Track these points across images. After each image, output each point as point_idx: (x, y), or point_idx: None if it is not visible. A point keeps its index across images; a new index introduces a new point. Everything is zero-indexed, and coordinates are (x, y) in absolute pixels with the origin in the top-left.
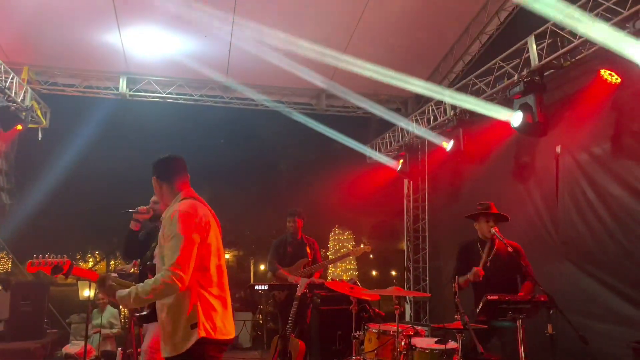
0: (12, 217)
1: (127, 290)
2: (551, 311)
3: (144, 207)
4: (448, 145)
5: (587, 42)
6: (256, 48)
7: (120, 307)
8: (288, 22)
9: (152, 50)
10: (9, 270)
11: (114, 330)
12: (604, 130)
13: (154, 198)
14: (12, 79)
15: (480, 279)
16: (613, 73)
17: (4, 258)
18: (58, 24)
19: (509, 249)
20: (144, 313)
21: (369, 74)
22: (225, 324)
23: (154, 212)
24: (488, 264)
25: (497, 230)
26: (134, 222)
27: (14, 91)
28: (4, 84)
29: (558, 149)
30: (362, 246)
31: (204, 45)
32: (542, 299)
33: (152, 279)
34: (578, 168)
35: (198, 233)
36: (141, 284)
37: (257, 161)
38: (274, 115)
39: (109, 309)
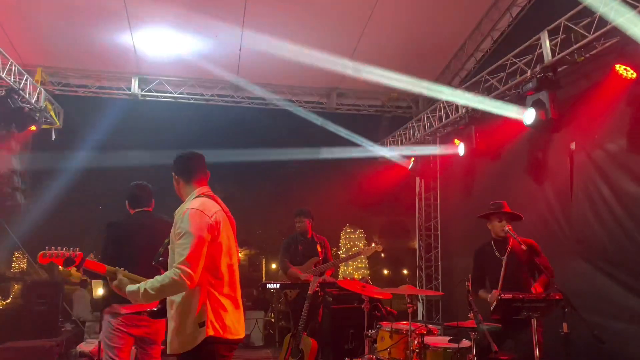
0: (26, 216)
1: (137, 285)
2: (566, 310)
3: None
4: (460, 143)
5: (601, 38)
6: (266, 48)
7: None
8: (296, 26)
9: (163, 50)
10: (25, 270)
11: None
12: (619, 126)
13: None
14: (26, 80)
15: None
16: (628, 68)
17: (20, 257)
18: (71, 25)
19: (523, 246)
20: (155, 309)
21: (377, 78)
22: (235, 323)
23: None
24: (503, 262)
25: (510, 228)
26: None
27: (27, 92)
28: (18, 86)
29: (572, 145)
30: (373, 245)
31: (214, 45)
32: (557, 297)
33: (162, 275)
34: (592, 165)
35: (209, 232)
36: (151, 279)
37: (268, 160)
38: (284, 114)
39: None
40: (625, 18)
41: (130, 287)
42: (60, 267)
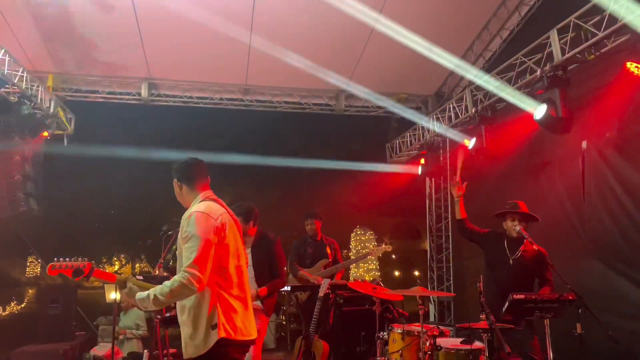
0: (40, 222)
1: (146, 292)
2: (580, 310)
3: None
4: (470, 143)
5: (612, 35)
6: (275, 51)
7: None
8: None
9: (172, 55)
10: (38, 274)
11: (140, 332)
12: (631, 124)
13: None
14: (38, 87)
15: (461, 189)
16: (639, 65)
17: (34, 262)
18: (81, 31)
19: (535, 246)
20: (167, 315)
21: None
22: (245, 324)
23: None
24: (511, 262)
25: (522, 229)
26: None
27: (39, 99)
28: (30, 92)
29: (584, 144)
30: (383, 246)
31: (223, 49)
32: (570, 297)
33: (170, 280)
34: (605, 163)
35: (215, 234)
36: (160, 285)
37: (278, 162)
38: (293, 117)
39: (135, 310)
40: (635, 15)
41: (140, 295)
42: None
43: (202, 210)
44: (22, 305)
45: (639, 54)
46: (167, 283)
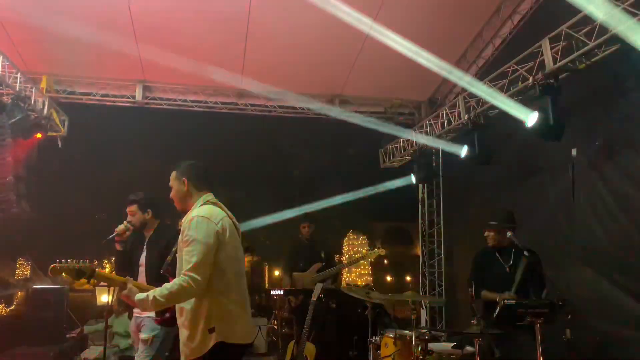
0: (32, 223)
1: (146, 293)
2: (569, 316)
3: (122, 227)
4: (462, 149)
5: (602, 45)
6: (269, 55)
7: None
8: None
9: (167, 57)
10: (28, 277)
11: (130, 341)
12: (620, 133)
13: (129, 218)
14: (32, 88)
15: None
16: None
17: (23, 264)
18: (75, 33)
19: (525, 252)
20: (166, 316)
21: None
22: (243, 328)
23: (133, 227)
24: (507, 269)
25: (513, 236)
26: (117, 244)
27: (33, 100)
28: (23, 94)
29: (574, 152)
30: (375, 250)
31: (218, 52)
32: (561, 303)
33: (170, 283)
34: (594, 171)
35: (215, 238)
36: (159, 287)
37: (271, 167)
38: (287, 121)
39: (127, 316)
40: (625, 26)
41: (140, 296)
42: (71, 279)
43: (203, 214)
44: (11, 308)
45: (628, 64)
46: (167, 285)
